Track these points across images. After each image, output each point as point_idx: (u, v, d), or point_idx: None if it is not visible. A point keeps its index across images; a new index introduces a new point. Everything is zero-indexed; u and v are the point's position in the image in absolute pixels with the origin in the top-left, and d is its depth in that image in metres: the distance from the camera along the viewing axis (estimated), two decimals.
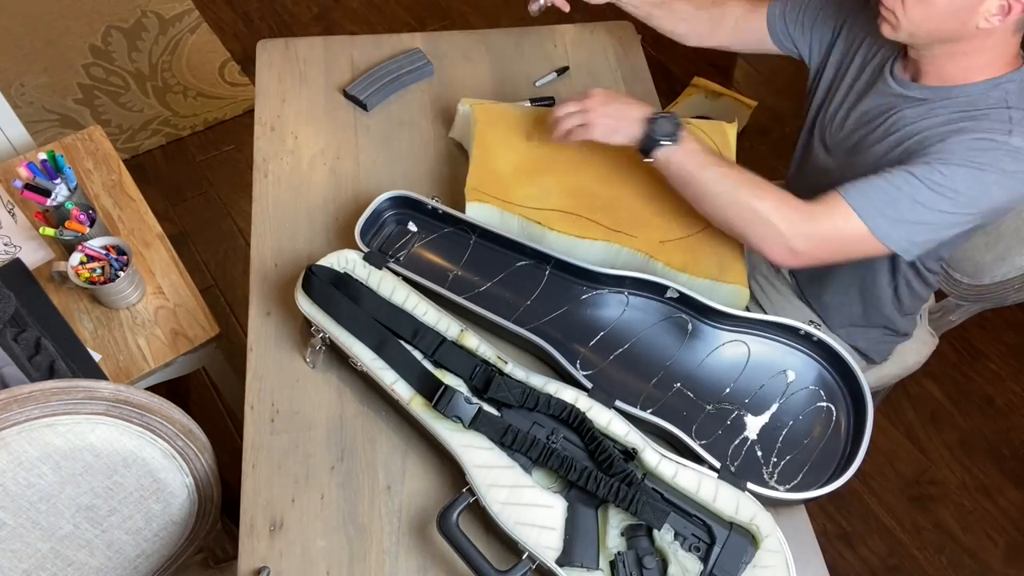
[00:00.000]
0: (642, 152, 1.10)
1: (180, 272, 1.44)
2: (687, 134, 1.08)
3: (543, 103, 1.41)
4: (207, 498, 1.10)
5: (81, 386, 0.90)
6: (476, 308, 1.10)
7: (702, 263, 1.14)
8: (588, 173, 1.22)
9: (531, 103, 1.40)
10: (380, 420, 1.07)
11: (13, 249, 1.43)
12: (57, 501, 0.95)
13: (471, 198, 1.18)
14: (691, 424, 1.07)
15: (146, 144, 2.40)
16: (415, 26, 2.76)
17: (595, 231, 1.16)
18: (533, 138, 1.25)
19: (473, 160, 1.22)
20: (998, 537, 1.88)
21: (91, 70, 2.53)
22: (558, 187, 1.20)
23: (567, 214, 1.17)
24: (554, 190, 1.20)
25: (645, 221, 1.18)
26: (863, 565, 1.84)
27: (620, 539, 0.94)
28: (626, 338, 1.13)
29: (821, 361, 1.10)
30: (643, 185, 1.21)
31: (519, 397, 0.99)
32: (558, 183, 1.21)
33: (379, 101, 1.39)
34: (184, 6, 2.72)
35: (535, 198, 1.19)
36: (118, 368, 1.34)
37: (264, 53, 1.45)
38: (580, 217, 1.17)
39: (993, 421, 2.05)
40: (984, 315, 2.22)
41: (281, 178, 1.30)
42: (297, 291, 1.07)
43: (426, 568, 0.97)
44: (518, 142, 1.24)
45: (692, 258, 1.14)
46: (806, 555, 1.00)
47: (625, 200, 1.20)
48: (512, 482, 0.94)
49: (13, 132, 1.63)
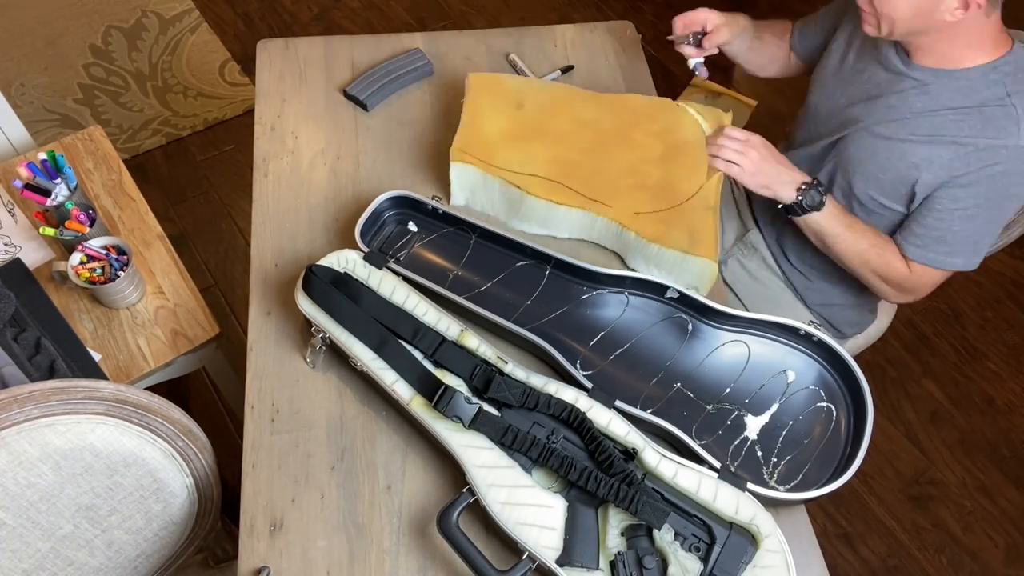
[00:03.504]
0: (786, 212, 1.22)
1: (180, 272, 1.44)
2: (829, 199, 1.19)
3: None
4: (207, 498, 1.10)
5: (81, 386, 0.90)
6: (476, 308, 1.10)
7: (674, 235, 1.14)
8: (573, 144, 1.23)
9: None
10: (380, 420, 1.07)
11: (13, 249, 1.43)
12: (57, 501, 0.95)
13: (455, 159, 1.19)
14: (691, 424, 1.07)
15: (146, 144, 2.40)
16: (415, 26, 2.76)
17: (572, 199, 1.18)
18: (524, 106, 1.26)
19: (462, 123, 1.23)
20: (998, 537, 1.88)
21: (91, 70, 2.53)
22: (542, 154, 1.21)
23: (547, 180, 1.19)
24: (538, 156, 1.21)
25: (623, 193, 1.19)
26: (863, 565, 1.84)
27: (620, 539, 0.94)
28: (626, 338, 1.13)
29: (821, 361, 1.10)
30: (624, 160, 1.22)
31: (519, 397, 0.99)
32: (542, 150, 1.22)
33: (379, 101, 1.39)
34: (184, 6, 2.72)
35: (518, 163, 1.20)
36: (118, 368, 1.34)
37: (264, 53, 1.45)
38: (559, 184, 1.19)
39: (993, 421, 2.05)
40: (984, 315, 2.22)
41: (281, 178, 1.30)
42: (297, 291, 1.07)
43: (426, 568, 0.97)
44: (509, 109, 1.25)
45: (665, 230, 1.15)
46: (806, 555, 1.00)
47: (606, 172, 1.21)
48: (512, 482, 0.94)
49: (13, 132, 1.63)
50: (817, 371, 1.10)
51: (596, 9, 2.91)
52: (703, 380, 1.10)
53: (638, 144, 1.23)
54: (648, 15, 2.90)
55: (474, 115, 1.24)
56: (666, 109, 1.26)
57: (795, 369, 1.10)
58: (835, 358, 1.08)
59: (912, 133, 1.17)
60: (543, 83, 1.31)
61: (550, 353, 1.06)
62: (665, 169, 1.20)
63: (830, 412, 1.08)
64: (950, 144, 1.13)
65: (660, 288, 1.13)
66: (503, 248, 1.19)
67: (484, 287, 1.17)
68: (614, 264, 1.23)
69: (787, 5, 2.96)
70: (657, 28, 2.85)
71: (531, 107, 1.26)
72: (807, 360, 1.11)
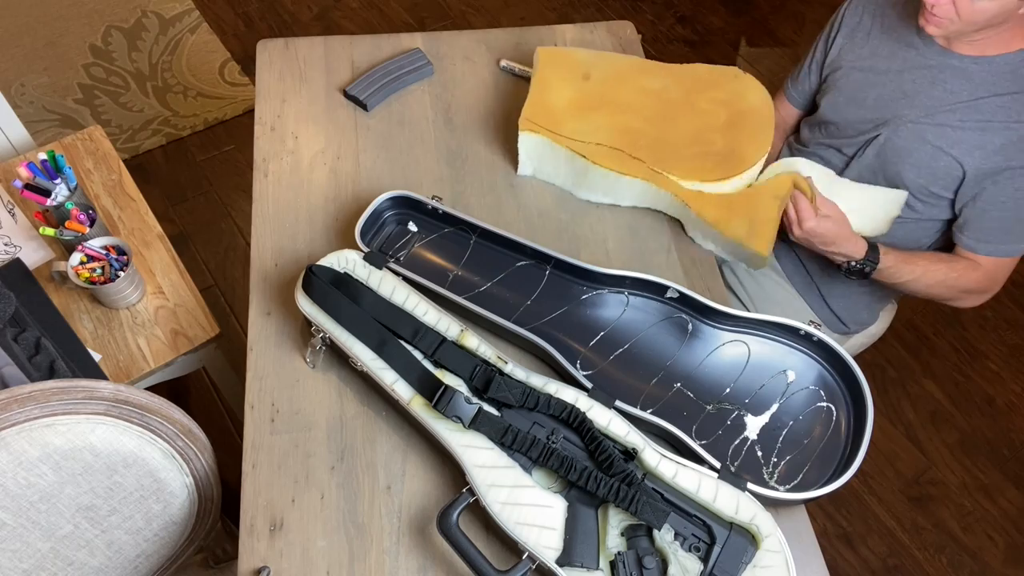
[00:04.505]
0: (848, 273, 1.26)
1: (180, 272, 1.44)
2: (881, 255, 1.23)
3: None
4: (207, 498, 1.10)
5: (81, 386, 0.90)
6: (476, 308, 1.10)
7: (734, 222, 1.17)
8: (638, 112, 1.25)
9: None
10: (380, 420, 1.07)
11: (13, 249, 1.43)
12: (57, 501, 0.95)
13: (523, 128, 1.22)
14: (691, 424, 1.07)
15: (146, 144, 2.40)
16: (415, 26, 2.76)
17: (637, 168, 1.19)
18: (591, 77, 1.28)
19: (530, 94, 1.26)
20: (998, 537, 1.88)
21: (91, 70, 2.53)
22: (607, 123, 1.23)
23: (612, 149, 1.20)
24: (603, 126, 1.23)
25: (686, 160, 1.20)
26: (863, 565, 1.84)
27: (620, 539, 0.94)
28: (626, 338, 1.13)
29: (821, 361, 1.10)
30: (689, 127, 1.24)
31: (519, 397, 0.99)
32: (608, 120, 1.24)
33: (379, 101, 1.39)
34: (184, 6, 2.72)
35: (584, 132, 1.22)
36: (118, 368, 1.34)
37: (264, 53, 1.45)
38: (623, 153, 1.20)
39: (993, 421, 2.05)
40: (984, 315, 2.22)
41: (281, 178, 1.30)
42: (297, 291, 1.07)
43: (426, 568, 0.97)
44: (576, 80, 1.28)
45: (727, 215, 1.18)
46: (806, 555, 1.00)
47: (670, 139, 1.23)
48: (512, 482, 0.94)
49: (13, 132, 1.63)
50: (817, 371, 1.10)
51: (596, 9, 2.91)
52: (703, 380, 1.10)
53: (703, 111, 1.24)
54: (648, 15, 2.90)
55: (542, 87, 1.26)
56: (732, 77, 1.29)
57: (795, 369, 1.10)
58: (835, 358, 1.08)
59: (962, 120, 1.19)
60: (611, 55, 1.33)
61: (550, 353, 1.06)
62: (730, 136, 1.22)
63: (830, 412, 1.08)
64: (1002, 130, 1.16)
65: (660, 288, 1.13)
66: (503, 248, 1.19)
67: (484, 287, 1.17)
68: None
69: (787, 5, 2.96)
70: (657, 28, 2.85)
71: (598, 78, 1.28)
72: (807, 360, 1.11)
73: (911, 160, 1.23)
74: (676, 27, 2.86)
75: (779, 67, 2.71)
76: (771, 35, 2.86)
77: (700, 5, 2.93)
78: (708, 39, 2.82)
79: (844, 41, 1.33)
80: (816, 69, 1.40)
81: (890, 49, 1.26)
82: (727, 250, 1.23)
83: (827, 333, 1.10)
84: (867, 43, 1.29)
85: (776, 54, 2.80)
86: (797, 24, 2.89)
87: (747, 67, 2.72)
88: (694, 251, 1.25)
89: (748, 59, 2.74)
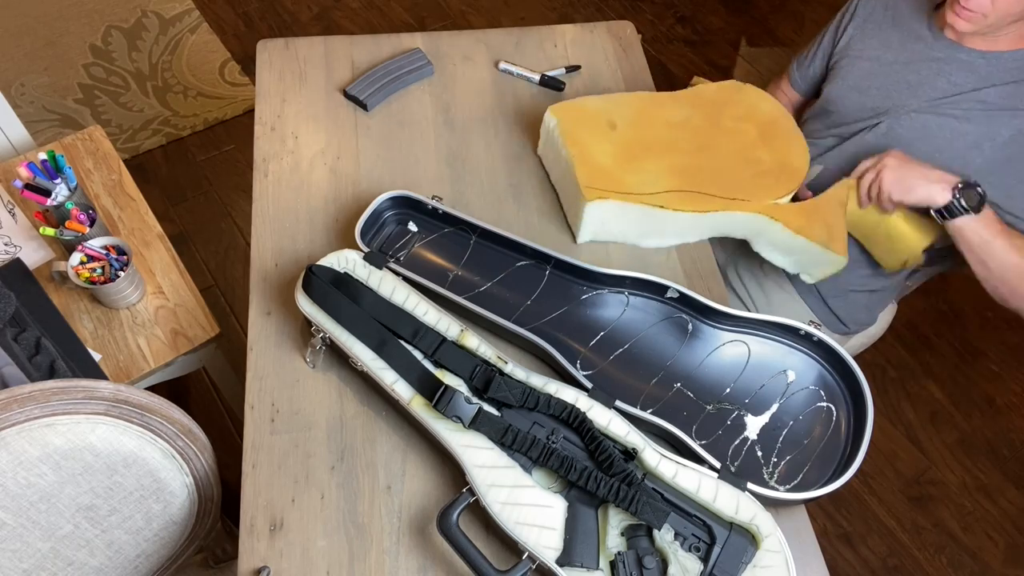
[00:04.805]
0: (939, 215, 1.13)
1: (180, 272, 1.44)
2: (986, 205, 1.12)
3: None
4: (207, 498, 1.10)
5: (81, 386, 0.90)
6: (476, 308, 1.10)
7: (816, 228, 1.18)
8: (679, 149, 1.23)
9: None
10: (380, 420, 1.07)
11: (13, 249, 1.43)
12: (57, 501, 0.95)
13: (591, 197, 1.15)
14: (691, 424, 1.07)
15: (146, 144, 2.40)
16: (415, 26, 2.76)
17: (713, 203, 1.18)
18: (617, 125, 1.24)
19: (574, 159, 1.19)
20: (998, 537, 1.88)
21: (91, 70, 2.53)
22: (660, 168, 1.20)
23: (682, 192, 1.18)
24: (658, 172, 1.20)
25: (748, 182, 1.20)
26: (863, 565, 1.84)
27: (620, 539, 0.94)
28: (626, 338, 1.13)
29: (821, 361, 1.10)
30: (731, 150, 1.23)
31: (519, 397, 0.99)
32: (658, 164, 1.21)
33: (379, 101, 1.39)
34: (184, 6, 2.72)
35: (645, 184, 1.18)
36: (118, 368, 1.34)
37: (264, 53, 1.45)
38: (693, 192, 1.18)
39: (993, 421, 2.05)
40: (984, 315, 2.23)
41: (281, 178, 1.30)
42: (297, 291, 1.07)
43: (426, 568, 0.97)
44: (605, 131, 1.24)
45: (807, 223, 1.18)
46: (806, 555, 1.00)
47: (723, 167, 1.21)
48: (512, 482, 0.94)
49: (13, 132, 1.63)
50: (817, 371, 1.10)
51: (596, 9, 2.91)
52: (703, 380, 1.10)
53: (733, 131, 1.24)
54: (648, 15, 2.90)
55: (581, 148, 1.21)
56: (737, 90, 1.28)
57: (795, 369, 1.10)
58: (835, 358, 1.08)
59: (967, 110, 1.19)
60: (617, 96, 1.28)
61: (550, 353, 1.06)
62: (770, 150, 1.22)
63: (830, 412, 1.08)
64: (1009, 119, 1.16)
65: (660, 288, 1.13)
66: (503, 248, 1.19)
67: (484, 287, 1.17)
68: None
69: (787, 5, 2.96)
70: (657, 28, 2.85)
71: (623, 124, 1.24)
72: (807, 360, 1.11)
73: (914, 150, 1.21)
74: (676, 27, 2.86)
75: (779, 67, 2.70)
76: (771, 35, 2.86)
77: (700, 5, 2.93)
78: (708, 39, 2.82)
79: (855, 31, 1.33)
80: (823, 56, 1.40)
81: (899, 41, 1.26)
82: (803, 259, 1.20)
83: (827, 333, 1.10)
84: (877, 34, 1.29)
85: (776, 54, 2.80)
86: (797, 24, 2.90)
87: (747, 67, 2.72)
88: (694, 251, 1.25)
89: (748, 59, 2.74)
